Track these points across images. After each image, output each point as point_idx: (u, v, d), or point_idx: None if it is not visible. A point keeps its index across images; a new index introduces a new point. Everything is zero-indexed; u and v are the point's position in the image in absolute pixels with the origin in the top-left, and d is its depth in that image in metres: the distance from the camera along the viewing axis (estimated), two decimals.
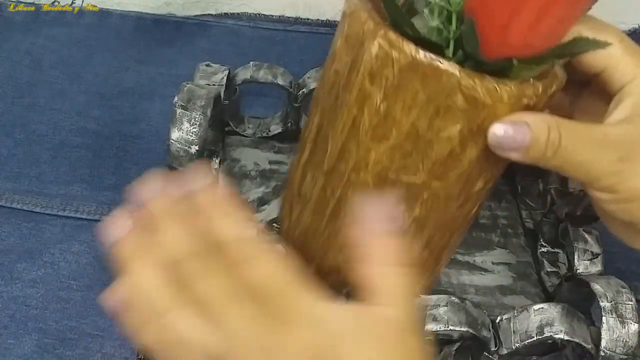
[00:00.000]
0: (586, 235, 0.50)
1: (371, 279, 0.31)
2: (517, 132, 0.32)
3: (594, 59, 0.36)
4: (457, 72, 0.31)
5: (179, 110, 0.48)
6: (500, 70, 0.32)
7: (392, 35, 0.32)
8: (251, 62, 0.57)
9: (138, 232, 0.33)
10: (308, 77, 0.57)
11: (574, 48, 0.33)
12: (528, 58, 0.32)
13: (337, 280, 0.35)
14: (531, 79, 0.33)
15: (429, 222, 0.37)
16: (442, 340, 0.46)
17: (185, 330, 0.30)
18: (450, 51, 0.33)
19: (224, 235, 0.32)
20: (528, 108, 0.33)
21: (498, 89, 0.31)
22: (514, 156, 0.33)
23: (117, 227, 0.34)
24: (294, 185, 0.41)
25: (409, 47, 0.31)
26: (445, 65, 0.31)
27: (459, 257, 0.53)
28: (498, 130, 0.32)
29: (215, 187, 0.34)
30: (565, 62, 0.36)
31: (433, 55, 0.31)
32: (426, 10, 0.33)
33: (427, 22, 0.33)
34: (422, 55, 0.31)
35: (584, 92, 0.40)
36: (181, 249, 0.32)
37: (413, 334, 0.30)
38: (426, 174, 0.34)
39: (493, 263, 0.53)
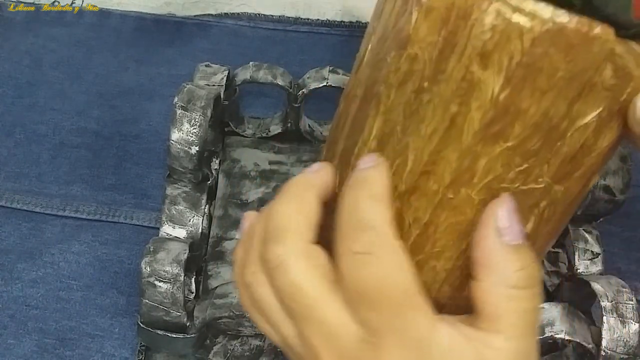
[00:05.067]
0: (586, 235, 0.50)
1: (488, 301, 0.27)
2: None
3: None
4: (612, 37, 0.24)
5: (179, 111, 0.48)
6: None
7: None
8: (251, 62, 0.57)
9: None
10: (308, 77, 0.57)
11: None
12: None
13: None
14: None
15: (540, 237, 0.29)
16: None
17: (264, 302, 0.29)
18: (578, 3, 0.26)
19: (362, 215, 0.27)
20: None
21: None
22: None
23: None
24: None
25: (547, 9, 0.24)
26: (597, 28, 0.24)
27: None
28: None
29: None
30: None
31: (581, 17, 0.24)
32: None
33: None
34: (567, 18, 0.24)
35: None
36: (276, 225, 0.29)
37: None
38: (550, 177, 0.27)
39: None
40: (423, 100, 0.26)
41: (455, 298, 0.29)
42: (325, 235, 0.29)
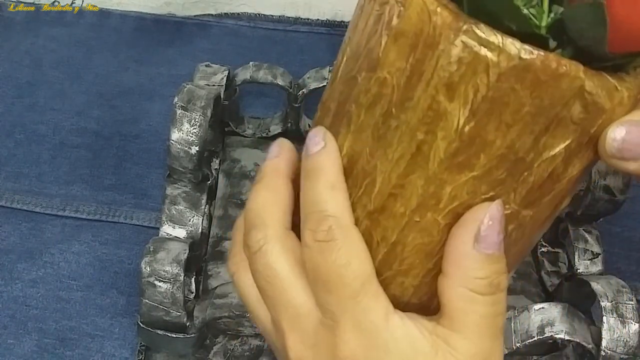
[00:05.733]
0: (586, 235, 0.50)
1: (451, 298, 0.27)
2: None
3: None
4: (581, 74, 0.24)
5: (179, 111, 0.48)
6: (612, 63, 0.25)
7: (484, 29, 0.24)
8: (251, 62, 0.57)
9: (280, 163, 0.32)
10: (308, 77, 0.57)
11: None
12: None
13: None
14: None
15: (509, 257, 0.29)
16: None
17: (243, 292, 0.32)
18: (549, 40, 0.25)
19: (320, 203, 0.29)
20: None
21: (619, 88, 0.24)
22: (633, 167, 0.26)
23: (275, 147, 0.33)
24: None
25: (514, 45, 0.23)
26: (566, 65, 0.23)
27: None
28: (618, 133, 0.25)
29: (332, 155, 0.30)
30: None
31: (549, 54, 0.24)
32: None
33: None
34: (535, 54, 0.23)
35: None
36: (255, 215, 0.31)
37: None
38: (517, 204, 0.27)
39: None
40: (391, 125, 0.26)
41: (423, 309, 0.29)
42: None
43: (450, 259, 0.27)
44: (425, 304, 0.30)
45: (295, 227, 0.31)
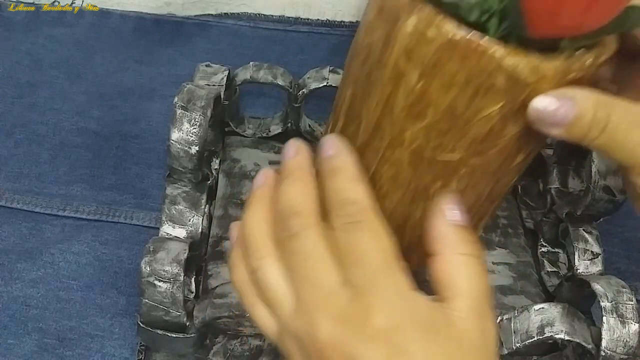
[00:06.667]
0: (586, 235, 0.50)
1: (447, 269, 0.32)
2: (560, 106, 0.30)
3: None
4: (498, 52, 0.29)
5: (179, 111, 0.48)
6: (546, 44, 0.30)
7: (429, 11, 0.30)
8: (251, 62, 0.57)
9: (269, 183, 0.36)
10: (308, 77, 0.57)
11: (629, 22, 0.31)
12: (577, 36, 0.30)
13: None
14: (578, 51, 0.31)
15: (466, 196, 0.35)
16: None
17: (269, 282, 0.33)
18: (493, 25, 0.30)
19: (346, 194, 0.33)
20: (575, 81, 0.31)
21: (542, 66, 0.30)
22: (555, 132, 0.31)
23: (258, 177, 0.37)
24: None
25: (447, 25, 0.29)
26: (485, 44, 0.29)
27: None
28: (539, 103, 0.31)
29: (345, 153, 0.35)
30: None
31: (473, 34, 0.29)
32: None
33: None
34: (460, 34, 0.29)
35: (631, 66, 0.37)
36: (291, 204, 0.34)
37: (484, 328, 0.31)
38: (464, 151, 0.33)
39: (493, 263, 0.53)
40: (372, 79, 0.33)
41: (399, 231, 0.35)
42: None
43: (436, 240, 0.32)
44: (400, 225, 0.35)
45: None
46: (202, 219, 0.50)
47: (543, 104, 0.31)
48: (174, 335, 0.46)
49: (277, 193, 0.35)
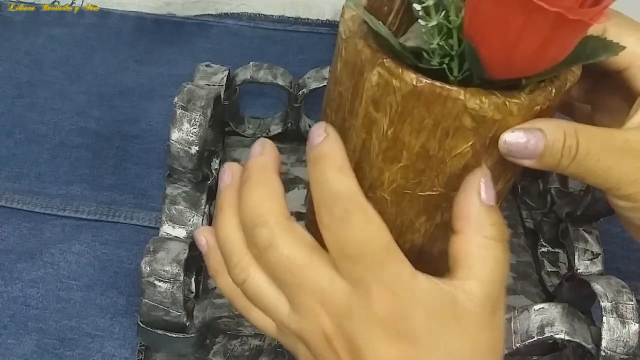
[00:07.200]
0: (586, 235, 0.50)
1: (466, 249, 0.32)
2: (530, 139, 0.31)
3: (616, 56, 0.34)
4: (461, 96, 0.30)
5: (179, 111, 0.48)
6: (510, 80, 0.31)
7: (391, 63, 0.31)
8: (251, 62, 0.57)
9: (235, 183, 0.35)
10: (308, 77, 0.57)
11: (586, 53, 0.32)
12: (537, 74, 0.31)
13: None
14: (542, 82, 0.32)
15: (450, 228, 0.35)
16: None
17: (259, 292, 0.33)
18: (455, 67, 0.32)
19: (331, 187, 0.32)
20: (542, 112, 0.32)
21: (507, 103, 0.31)
22: (528, 163, 0.32)
23: (224, 175, 0.36)
24: None
25: (409, 75, 0.31)
26: (447, 90, 0.30)
27: None
28: (509, 137, 0.31)
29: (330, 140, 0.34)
30: None
31: (435, 82, 0.30)
32: (423, 29, 0.32)
33: (426, 42, 0.32)
34: (423, 82, 0.30)
35: (603, 86, 0.39)
36: (255, 214, 0.33)
37: (493, 313, 0.31)
38: (443, 187, 0.33)
39: None
40: (347, 126, 0.34)
41: None
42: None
43: (462, 217, 0.32)
44: None
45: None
46: (202, 219, 0.50)
47: (513, 138, 0.31)
48: (174, 335, 0.46)
49: (239, 200, 0.34)
